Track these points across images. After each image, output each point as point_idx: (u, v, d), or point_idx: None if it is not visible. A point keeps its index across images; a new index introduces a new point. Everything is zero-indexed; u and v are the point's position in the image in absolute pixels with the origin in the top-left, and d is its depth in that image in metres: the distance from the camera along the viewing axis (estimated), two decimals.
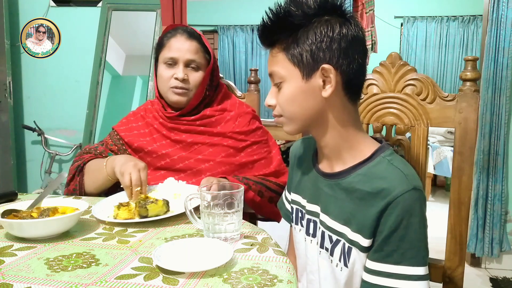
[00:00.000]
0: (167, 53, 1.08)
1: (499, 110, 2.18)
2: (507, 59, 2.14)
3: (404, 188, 0.65)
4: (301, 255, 0.86)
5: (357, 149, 0.73)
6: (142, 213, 0.83)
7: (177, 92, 1.08)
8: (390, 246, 0.66)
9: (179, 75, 1.07)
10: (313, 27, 0.68)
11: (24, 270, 0.60)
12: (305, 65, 0.69)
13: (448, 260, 0.94)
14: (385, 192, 0.66)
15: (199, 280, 0.57)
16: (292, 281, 0.58)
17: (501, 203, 2.23)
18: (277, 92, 0.74)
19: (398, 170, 0.68)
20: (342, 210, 0.73)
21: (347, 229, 0.71)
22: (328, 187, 0.76)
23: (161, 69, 1.10)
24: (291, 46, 0.70)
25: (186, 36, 1.09)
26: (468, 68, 0.93)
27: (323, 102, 0.71)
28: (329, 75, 0.68)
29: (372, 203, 0.67)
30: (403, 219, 0.65)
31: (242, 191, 0.75)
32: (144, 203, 0.84)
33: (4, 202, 0.94)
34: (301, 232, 0.85)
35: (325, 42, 0.68)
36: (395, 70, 0.97)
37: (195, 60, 1.08)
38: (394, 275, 0.66)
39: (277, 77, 0.73)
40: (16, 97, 2.68)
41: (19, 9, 2.65)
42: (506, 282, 2.20)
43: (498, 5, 2.13)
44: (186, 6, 2.29)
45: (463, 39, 4.60)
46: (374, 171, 0.70)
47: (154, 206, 0.84)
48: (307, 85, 0.70)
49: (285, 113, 0.74)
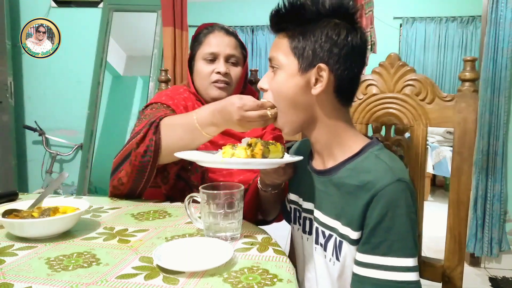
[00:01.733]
0: (207, 48, 1.08)
1: (498, 110, 2.19)
2: (505, 60, 2.15)
3: (389, 181, 0.66)
4: (300, 254, 0.88)
5: (346, 145, 0.76)
6: (266, 153, 0.75)
7: (219, 87, 1.08)
8: (377, 238, 0.67)
9: (221, 69, 1.06)
10: (322, 26, 0.71)
11: (25, 269, 0.61)
12: (305, 59, 0.72)
13: (447, 259, 0.94)
14: (370, 185, 0.67)
15: (200, 280, 0.57)
16: (292, 281, 0.58)
17: (500, 203, 2.23)
18: (272, 77, 0.76)
19: (383, 163, 0.70)
20: (333, 206, 0.74)
21: (338, 223, 0.73)
22: (321, 184, 0.78)
23: (199, 65, 1.09)
24: (296, 37, 0.72)
25: (224, 32, 1.10)
26: (467, 68, 0.93)
27: (312, 98, 0.74)
28: (322, 74, 0.71)
29: (359, 196, 0.69)
30: (388, 211, 0.66)
31: (242, 190, 0.75)
32: (266, 143, 0.77)
33: (5, 202, 0.94)
34: (299, 231, 0.86)
35: (328, 44, 0.70)
36: (394, 70, 0.98)
37: (235, 55, 1.09)
38: (382, 266, 0.67)
39: (275, 62, 0.76)
40: (17, 97, 2.68)
41: (20, 9, 2.65)
42: (505, 281, 2.20)
43: (497, 6, 2.13)
44: (187, 7, 2.30)
45: (462, 39, 4.60)
46: (361, 165, 0.72)
47: (274, 148, 0.77)
48: (301, 78, 0.73)
49: (275, 101, 0.76)
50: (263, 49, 5.19)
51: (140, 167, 0.93)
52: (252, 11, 5.00)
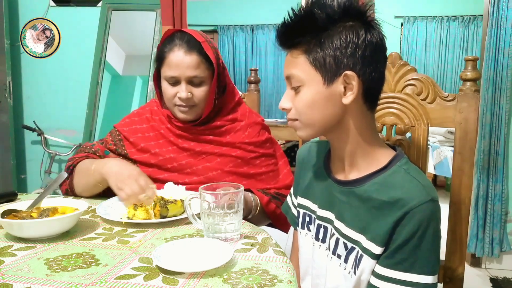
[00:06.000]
0: (167, 70, 1.02)
1: (500, 110, 2.18)
2: (507, 59, 2.14)
3: (422, 199, 0.64)
4: (306, 259, 0.85)
5: (373, 157, 0.73)
6: (163, 213, 0.84)
7: (183, 110, 1.04)
8: (402, 255, 0.65)
9: (182, 94, 1.01)
10: (338, 31, 0.66)
11: (24, 270, 0.60)
12: (328, 70, 0.67)
13: (448, 260, 0.94)
14: (402, 202, 0.65)
15: (199, 280, 0.57)
16: (292, 281, 0.58)
17: (501, 203, 2.23)
18: (294, 95, 0.72)
19: (415, 180, 0.67)
20: (357, 218, 0.71)
21: (362, 237, 0.70)
22: (342, 194, 0.75)
23: (164, 85, 1.05)
24: (313, 50, 0.67)
25: (184, 50, 1.00)
26: (468, 68, 0.93)
27: (342, 109, 0.70)
28: (352, 82, 0.67)
29: (388, 213, 0.66)
30: (419, 230, 0.64)
31: (242, 191, 0.75)
32: (165, 203, 0.85)
33: (4, 202, 0.94)
34: (308, 236, 0.84)
35: (350, 48, 0.66)
36: (395, 70, 0.97)
37: (196, 75, 1.01)
38: (402, 281, 0.65)
39: (295, 81, 0.71)
40: (16, 97, 2.68)
41: (19, 9, 2.65)
42: (506, 282, 2.20)
43: (498, 5, 2.13)
44: (186, 6, 2.29)
45: (464, 39, 4.59)
46: (390, 180, 0.69)
47: (174, 206, 0.85)
48: (328, 91, 0.68)
49: (302, 118, 0.72)
50: (263, 48, 5.19)
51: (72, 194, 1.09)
52: (252, 10, 5.00)
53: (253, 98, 1.34)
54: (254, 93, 1.36)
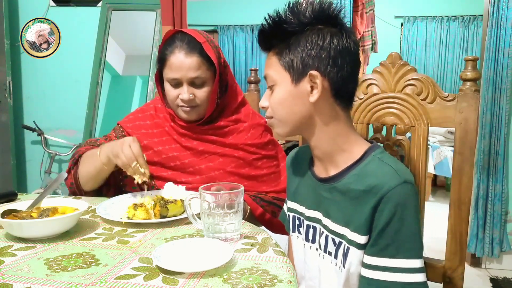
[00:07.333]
0: (169, 72, 1.02)
1: (500, 110, 2.18)
2: (507, 59, 2.14)
3: (395, 182, 0.67)
4: (299, 261, 0.86)
5: (348, 151, 0.76)
6: (163, 213, 0.84)
7: (185, 111, 1.05)
8: (385, 240, 0.67)
9: (184, 96, 1.02)
10: (305, 35, 0.71)
11: (24, 270, 0.60)
12: (295, 70, 0.72)
13: (448, 260, 0.94)
14: (376, 188, 0.68)
15: (199, 280, 0.57)
16: (292, 281, 0.58)
17: (501, 203, 2.23)
18: (270, 94, 0.77)
19: (388, 166, 0.70)
20: (341, 213, 0.74)
21: (347, 230, 0.72)
22: (326, 191, 0.77)
23: (166, 86, 1.06)
24: (284, 52, 0.73)
25: (185, 52, 1.00)
26: (468, 68, 0.93)
27: (311, 107, 0.73)
28: (316, 81, 0.71)
29: (366, 200, 0.69)
30: (396, 213, 0.66)
31: (242, 191, 0.75)
32: (164, 203, 0.85)
33: (4, 202, 0.94)
34: (299, 239, 0.85)
35: (314, 50, 0.71)
36: (395, 70, 0.97)
37: (198, 77, 1.02)
38: (390, 268, 0.67)
39: (269, 80, 0.77)
40: (16, 97, 2.68)
41: (19, 9, 2.65)
42: (506, 282, 2.20)
43: (498, 5, 2.13)
44: (186, 6, 2.29)
45: (464, 39, 4.59)
46: (366, 170, 0.72)
47: (174, 206, 0.86)
48: (296, 90, 0.73)
49: (275, 115, 0.77)
50: None
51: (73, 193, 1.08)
52: (252, 10, 4.99)
53: (253, 98, 1.34)
54: (254, 93, 1.36)
